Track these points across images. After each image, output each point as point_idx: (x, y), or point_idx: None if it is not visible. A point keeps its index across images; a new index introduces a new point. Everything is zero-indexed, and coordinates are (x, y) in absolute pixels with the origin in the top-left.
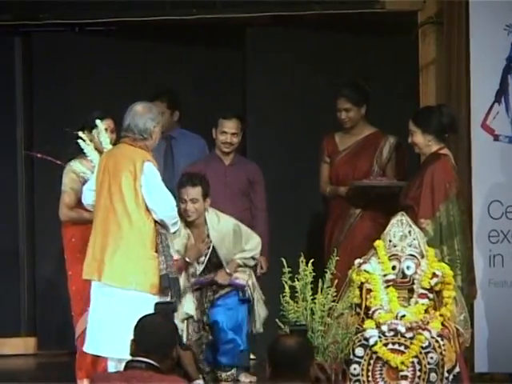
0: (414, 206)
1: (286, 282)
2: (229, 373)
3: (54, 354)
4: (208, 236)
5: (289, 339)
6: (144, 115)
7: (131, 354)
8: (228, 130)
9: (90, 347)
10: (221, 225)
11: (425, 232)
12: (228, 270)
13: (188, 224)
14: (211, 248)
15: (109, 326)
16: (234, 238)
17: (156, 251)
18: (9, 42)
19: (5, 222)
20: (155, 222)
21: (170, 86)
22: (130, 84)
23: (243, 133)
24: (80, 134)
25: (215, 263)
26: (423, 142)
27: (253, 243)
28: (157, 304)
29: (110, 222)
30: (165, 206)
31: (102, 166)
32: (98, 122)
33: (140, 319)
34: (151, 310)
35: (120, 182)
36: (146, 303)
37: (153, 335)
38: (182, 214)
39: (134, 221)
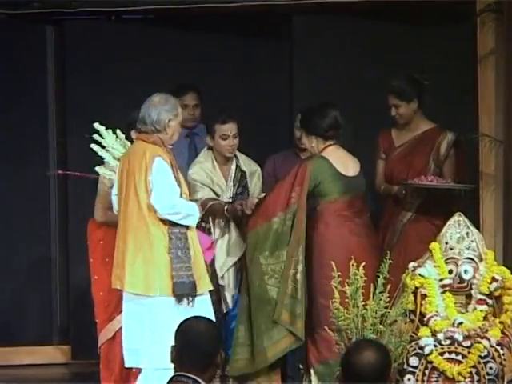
0: None
1: (335, 287)
2: None
3: (88, 364)
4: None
5: (368, 352)
6: (158, 106)
7: (172, 361)
8: (296, 132)
9: (130, 361)
10: (251, 168)
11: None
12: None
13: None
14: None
15: (145, 337)
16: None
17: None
18: (40, 31)
19: (38, 229)
20: (171, 223)
21: (209, 76)
22: (167, 75)
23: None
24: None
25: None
26: (308, 143)
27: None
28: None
29: (128, 225)
30: (163, 201)
31: (119, 169)
32: (118, 131)
33: (181, 323)
34: (176, 314)
35: (135, 182)
36: (171, 307)
37: (196, 343)
38: (221, 151)
39: (150, 222)
